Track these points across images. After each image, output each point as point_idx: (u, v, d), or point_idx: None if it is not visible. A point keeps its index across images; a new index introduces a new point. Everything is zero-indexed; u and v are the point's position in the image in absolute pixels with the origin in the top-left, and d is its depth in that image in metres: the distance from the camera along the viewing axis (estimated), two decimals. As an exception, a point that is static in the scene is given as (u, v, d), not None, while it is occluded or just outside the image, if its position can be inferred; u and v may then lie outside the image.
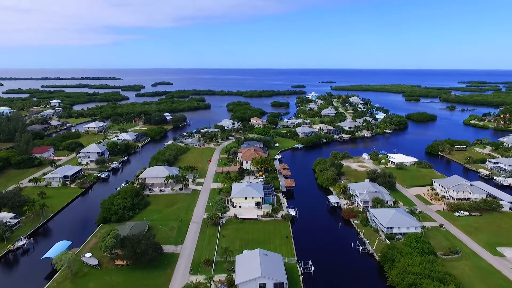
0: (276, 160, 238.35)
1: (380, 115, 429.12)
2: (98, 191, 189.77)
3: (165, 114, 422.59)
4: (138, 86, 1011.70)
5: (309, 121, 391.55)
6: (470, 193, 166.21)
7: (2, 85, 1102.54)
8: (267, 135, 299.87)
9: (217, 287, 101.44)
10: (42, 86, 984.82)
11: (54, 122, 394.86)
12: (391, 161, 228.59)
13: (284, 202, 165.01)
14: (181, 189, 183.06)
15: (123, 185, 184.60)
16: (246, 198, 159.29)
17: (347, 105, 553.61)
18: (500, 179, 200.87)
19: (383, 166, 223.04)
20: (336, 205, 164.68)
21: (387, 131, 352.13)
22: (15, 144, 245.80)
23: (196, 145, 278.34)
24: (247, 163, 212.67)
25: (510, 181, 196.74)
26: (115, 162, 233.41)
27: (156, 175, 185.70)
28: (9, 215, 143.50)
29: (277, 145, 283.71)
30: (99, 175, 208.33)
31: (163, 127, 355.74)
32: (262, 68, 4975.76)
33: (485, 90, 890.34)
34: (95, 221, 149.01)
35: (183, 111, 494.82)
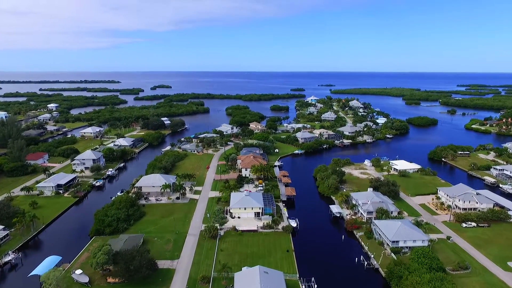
0: (276, 167, 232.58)
1: (381, 120, 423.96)
2: (92, 200, 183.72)
3: (163, 118, 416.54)
4: (137, 90, 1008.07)
5: (309, 126, 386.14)
6: (477, 202, 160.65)
7: (0, 88, 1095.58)
8: (267, 140, 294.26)
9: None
10: (40, 90, 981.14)
11: (50, 127, 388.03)
12: (394, 168, 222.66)
13: (285, 212, 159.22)
14: (178, 198, 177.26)
15: (118, 194, 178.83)
16: (245, 208, 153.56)
17: (347, 109, 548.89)
18: (507, 187, 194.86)
19: (385, 173, 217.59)
20: (338, 215, 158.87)
21: (388, 136, 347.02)
22: (7, 151, 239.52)
23: (194, 151, 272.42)
24: (246, 170, 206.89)
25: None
26: (111, 169, 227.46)
27: (153, 183, 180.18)
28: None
29: (277, 151, 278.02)
30: (93, 183, 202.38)
31: (161, 132, 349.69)
32: (261, 71, 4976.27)
33: (484, 94, 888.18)
34: (88, 232, 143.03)
35: (181, 115, 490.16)
